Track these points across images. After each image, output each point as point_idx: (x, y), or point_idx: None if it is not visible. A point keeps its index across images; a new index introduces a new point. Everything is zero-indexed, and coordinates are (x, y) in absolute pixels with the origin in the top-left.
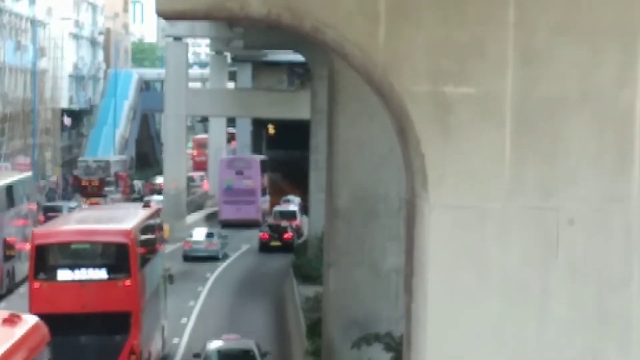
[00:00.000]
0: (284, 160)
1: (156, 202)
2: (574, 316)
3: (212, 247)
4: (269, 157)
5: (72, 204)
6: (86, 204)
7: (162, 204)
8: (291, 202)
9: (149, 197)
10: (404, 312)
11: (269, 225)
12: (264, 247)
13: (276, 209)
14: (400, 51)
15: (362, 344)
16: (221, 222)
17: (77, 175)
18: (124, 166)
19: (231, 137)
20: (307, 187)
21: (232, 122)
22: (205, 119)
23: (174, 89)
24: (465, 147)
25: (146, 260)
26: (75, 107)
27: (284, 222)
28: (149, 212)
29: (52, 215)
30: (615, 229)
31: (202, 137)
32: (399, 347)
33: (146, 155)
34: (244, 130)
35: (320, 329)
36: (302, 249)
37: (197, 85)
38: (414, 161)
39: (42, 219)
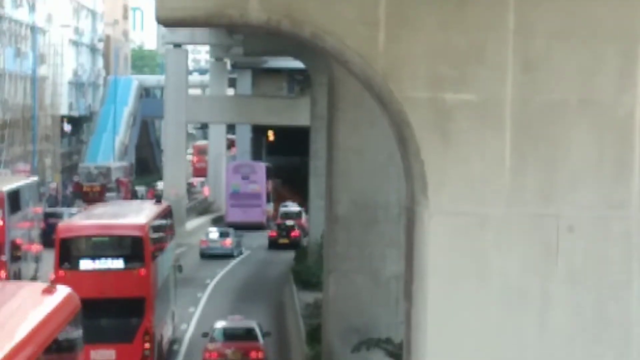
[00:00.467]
0: (283, 166)
1: None
2: (574, 323)
3: (227, 245)
4: (269, 163)
5: (73, 210)
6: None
7: None
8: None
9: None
10: (404, 318)
11: (277, 224)
12: (273, 245)
13: (282, 210)
14: (399, 58)
15: (362, 347)
16: (227, 225)
17: (79, 181)
18: (125, 172)
19: (231, 144)
20: (306, 193)
21: (231, 128)
22: (205, 126)
23: (173, 96)
24: (465, 153)
25: (158, 251)
26: (75, 113)
27: (290, 222)
28: (161, 208)
29: (53, 221)
30: (615, 236)
31: (202, 143)
32: (399, 353)
33: (146, 161)
34: (244, 136)
35: (320, 335)
36: (301, 255)
37: (197, 91)
38: (413, 168)
39: (42, 225)
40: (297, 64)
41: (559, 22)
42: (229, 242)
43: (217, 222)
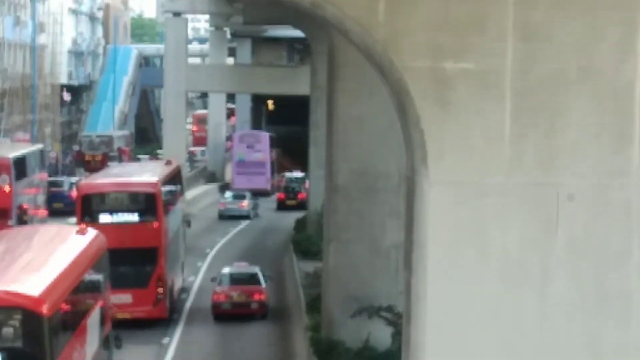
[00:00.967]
0: (283, 136)
1: None
2: (574, 292)
3: (243, 207)
4: (268, 132)
5: (73, 179)
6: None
7: None
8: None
9: None
10: (404, 287)
11: (285, 187)
12: (281, 206)
13: (287, 176)
14: (400, 27)
15: (362, 313)
16: (233, 191)
17: (81, 150)
18: (127, 141)
19: (231, 113)
20: (306, 163)
21: (231, 97)
22: (204, 95)
23: (173, 65)
24: (465, 123)
25: (169, 206)
26: (74, 82)
27: (296, 185)
28: (172, 168)
29: (54, 190)
30: (614, 205)
31: (201, 112)
32: (399, 322)
33: (146, 130)
34: (244, 106)
35: (319, 304)
36: (301, 224)
37: (196, 60)
38: (413, 137)
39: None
40: (297, 33)
41: None
42: (245, 204)
43: (223, 190)
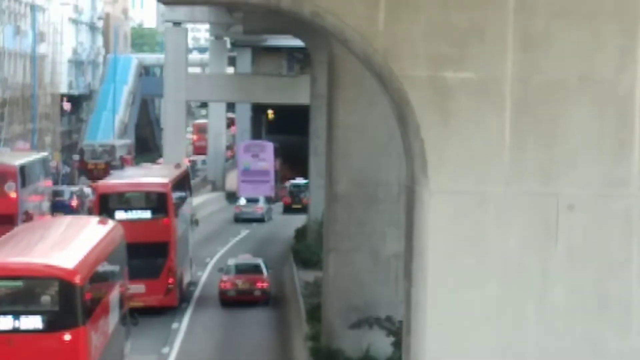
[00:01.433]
0: (283, 145)
1: None
2: (574, 300)
3: (258, 210)
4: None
5: (74, 188)
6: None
7: None
8: (297, 181)
9: None
10: (404, 297)
11: (290, 192)
12: (287, 209)
13: (291, 182)
14: (399, 36)
15: (362, 324)
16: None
17: (84, 158)
18: (129, 150)
19: (231, 122)
20: (306, 172)
21: (231, 107)
22: (204, 104)
23: (173, 74)
24: (465, 132)
25: (178, 205)
26: (74, 92)
27: (300, 190)
28: (181, 171)
29: (56, 199)
30: (614, 214)
31: (201, 122)
32: (399, 332)
33: (146, 140)
34: (244, 115)
35: (320, 313)
36: (301, 234)
37: (196, 70)
38: (413, 146)
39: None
40: (297, 43)
41: (559, 0)
42: (260, 208)
43: (230, 198)
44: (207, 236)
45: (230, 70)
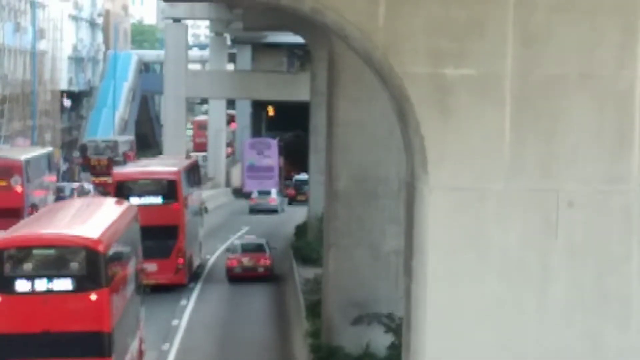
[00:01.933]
0: (283, 142)
1: None
2: (574, 296)
3: (272, 202)
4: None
5: (74, 185)
6: (94, 182)
7: None
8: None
9: None
10: (404, 293)
11: (294, 185)
12: (292, 201)
13: (295, 177)
14: (399, 32)
15: (362, 320)
16: (245, 194)
17: (87, 155)
18: (131, 146)
19: (231, 119)
20: (306, 168)
21: (231, 104)
22: (204, 101)
23: (173, 71)
24: (465, 128)
25: (188, 192)
26: (74, 88)
27: (304, 184)
28: (191, 161)
29: (57, 195)
30: (614, 210)
31: (201, 118)
32: (398, 329)
33: (146, 137)
34: (244, 112)
35: (319, 310)
36: (301, 230)
37: (196, 67)
38: (413, 143)
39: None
40: (297, 39)
41: None
42: (274, 199)
43: (236, 194)
44: (207, 233)
45: (230, 66)
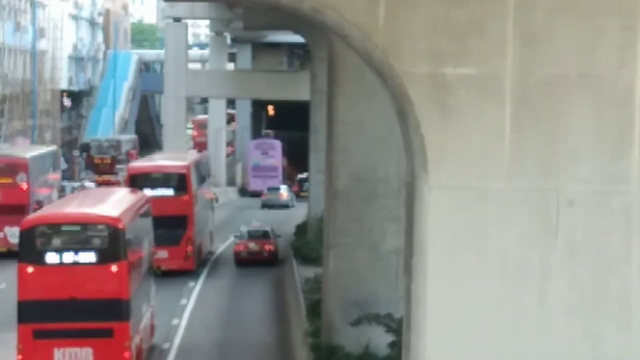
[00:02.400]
0: (283, 141)
1: None
2: (574, 296)
3: (283, 197)
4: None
5: (75, 184)
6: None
7: None
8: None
9: None
10: (404, 292)
11: (298, 182)
12: (296, 196)
13: (299, 176)
14: (399, 32)
15: (362, 322)
16: (250, 193)
17: (90, 153)
18: (134, 145)
19: (231, 118)
20: (306, 168)
21: (231, 103)
22: (205, 100)
23: (173, 70)
24: (465, 128)
25: (198, 184)
26: (74, 88)
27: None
28: (201, 155)
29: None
30: (614, 210)
31: (201, 118)
32: (398, 329)
33: (146, 136)
34: (244, 111)
35: (320, 309)
36: (301, 230)
37: (196, 66)
38: (413, 142)
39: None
40: (297, 39)
41: None
42: (284, 195)
43: (242, 192)
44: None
45: (230, 66)
